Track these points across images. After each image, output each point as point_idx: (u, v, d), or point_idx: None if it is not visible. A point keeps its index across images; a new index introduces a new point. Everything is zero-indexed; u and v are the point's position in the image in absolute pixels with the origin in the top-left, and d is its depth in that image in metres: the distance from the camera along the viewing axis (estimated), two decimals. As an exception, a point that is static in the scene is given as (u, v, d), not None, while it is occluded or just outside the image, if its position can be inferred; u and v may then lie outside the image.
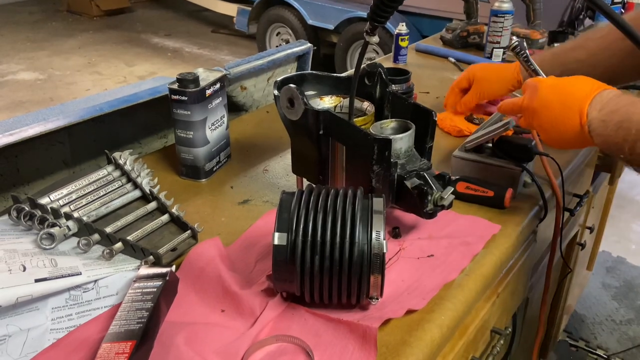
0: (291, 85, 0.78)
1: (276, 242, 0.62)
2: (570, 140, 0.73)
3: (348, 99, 0.82)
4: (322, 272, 0.62)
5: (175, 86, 0.92)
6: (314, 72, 0.94)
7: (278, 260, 0.62)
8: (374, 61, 0.98)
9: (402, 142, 0.79)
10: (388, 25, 3.58)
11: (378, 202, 0.64)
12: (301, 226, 0.62)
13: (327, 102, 0.89)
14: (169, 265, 0.73)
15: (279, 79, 0.87)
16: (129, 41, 5.73)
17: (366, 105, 0.87)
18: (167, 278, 0.67)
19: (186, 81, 0.91)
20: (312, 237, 0.62)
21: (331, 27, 4.21)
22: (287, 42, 4.50)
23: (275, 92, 0.83)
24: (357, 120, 0.82)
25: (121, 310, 0.63)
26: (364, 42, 0.74)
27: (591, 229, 1.60)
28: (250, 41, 5.26)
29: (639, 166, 0.69)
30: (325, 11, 4.23)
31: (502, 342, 0.89)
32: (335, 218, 0.62)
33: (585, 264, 1.97)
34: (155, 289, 0.65)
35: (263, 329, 0.63)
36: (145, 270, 0.69)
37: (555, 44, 1.71)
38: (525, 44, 0.96)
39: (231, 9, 5.15)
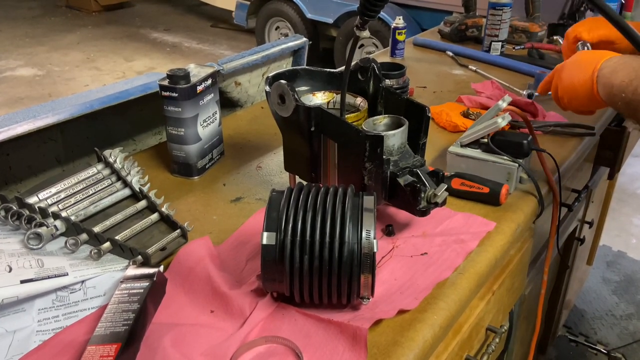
0: (282, 81, 0.77)
1: (265, 241, 0.61)
2: (580, 93, 0.82)
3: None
4: (311, 272, 0.61)
5: (166, 82, 0.90)
6: (307, 67, 0.92)
7: (267, 260, 0.61)
8: (369, 55, 0.96)
9: (395, 139, 0.77)
10: (387, 18, 3.56)
11: (368, 200, 0.63)
12: (290, 225, 0.61)
13: (319, 98, 0.88)
14: (157, 265, 0.72)
15: (270, 74, 0.85)
16: (128, 36, 5.71)
17: (359, 101, 0.86)
18: (155, 279, 0.66)
19: (177, 77, 0.89)
20: (302, 237, 0.61)
21: (330, 21, 4.19)
22: (286, 36, 4.48)
23: (267, 88, 0.82)
24: (350, 117, 0.81)
25: (107, 312, 0.62)
26: (354, 37, 0.72)
27: (590, 224, 1.58)
28: (249, 35, 5.23)
29: (634, 108, 0.73)
30: (324, 5, 4.21)
31: (497, 340, 0.88)
32: (325, 217, 0.61)
33: (585, 258, 1.96)
34: (142, 290, 0.64)
35: (252, 329, 0.62)
36: (133, 271, 0.68)
37: (555, 37, 1.69)
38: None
39: (230, 3, 5.12)
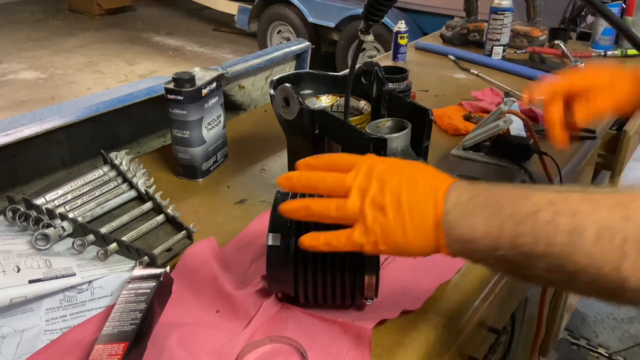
0: (286, 84, 0.78)
1: (270, 242, 0.62)
2: (415, 241, 0.52)
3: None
4: (316, 273, 0.61)
5: (171, 86, 0.91)
6: (310, 71, 0.93)
7: (272, 260, 0.62)
8: (372, 59, 0.97)
9: (398, 141, 0.78)
10: (389, 22, 3.58)
11: None
12: (295, 226, 0.62)
13: (323, 101, 0.89)
14: (163, 265, 0.73)
15: (274, 78, 0.86)
16: (130, 40, 5.74)
17: (362, 104, 0.87)
18: (161, 279, 0.67)
19: (182, 81, 0.90)
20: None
21: (332, 25, 4.21)
22: (288, 40, 4.49)
23: (271, 91, 0.83)
24: (353, 120, 0.82)
25: (115, 312, 0.62)
26: (358, 41, 0.73)
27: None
28: (251, 39, 5.25)
29: (515, 269, 0.50)
30: (326, 9, 4.22)
31: (500, 341, 0.89)
32: None
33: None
34: (149, 290, 0.65)
35: (257, 329, 0.63)
36: (139, 271, 0.69)
37: (556, 41, 1.70)
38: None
39: (232, 7, 5.15)
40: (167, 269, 0.70)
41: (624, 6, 1.72)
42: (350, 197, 0.53)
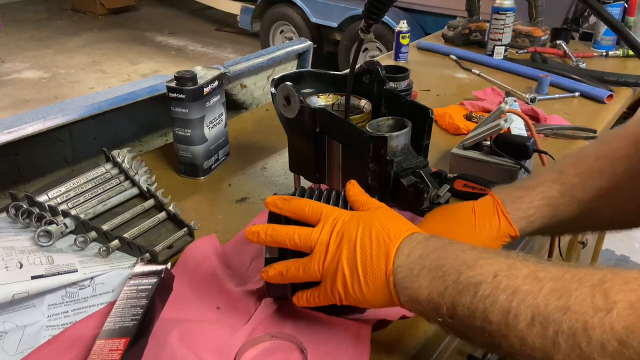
0: (287, 83, 0.78)
1: (268, 255, 0.61)
2: (372, 297, 0.53)
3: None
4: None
5: (173, 84, 0.92)
6: (312, 69, 0.94)
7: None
8: (373, 59, 0.97)
9: (399, 140, 0.79)
10: (391, 22, 3.58)
11: None
12: None
13: (324, 100, 0.89)
14: (165, 262, 0.73)
15: (276, 76, 0.87)
16: (133, 39, 5.75)
17: (363, 103, 0.87)
18: (162, 275, 0.67)
19: (184, 79, 0.91)
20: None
21: (334, 24, 4.21)
22: (291, 39, 4.50)
23: (272, 89, 0.83)
24: (354, 118, 0.82)
25: (116, 307, 0.63)
26: (359, 40, 0.74)
27: (593, 227, 1.59)
28: (254, 39, 5.26)
29: (461, 334, 0.50)
30: (329, 9, 4.23)
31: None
32: None
33: (589, 262, 1.96)
34: (150, 286, 0.65)
35: (257, 326, 0.64)
36: (141, 268, 0.69)
37: (558, 41, 1.70)
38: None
39: (235, 7, 5.16)
40: (168, 265, 0.70)
41: (626, 6, 1.72)
42: (313, 257, 0.56)
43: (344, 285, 0.54)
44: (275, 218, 0.61)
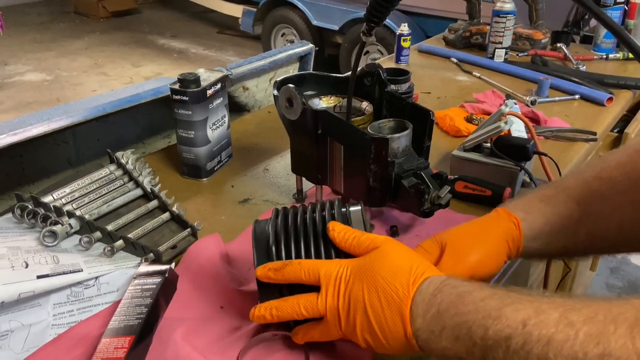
0: (290, 85, 0.79)
1: (259, 273, 0.59)
2: (400, 352, 0.53)
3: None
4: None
5: (177, 86, 0.93)
6: (314, 72, 0.95)
7: (263, 291, 0.60)
8: (374, 61, 0.98)
9: (400, 142, 0.79)
10: (392, 25, 3.59)
11: (356, 212, 0.62)
12: (282, 254, 0.59)
13: (326, 102, 0.90)
14: (168, 262, 0.74)
15: (278, 79, 0.88)
16: (136, 42, 5.77)
17: (365, 105, 0.88)
18: (166, 275, 0.68)
19: (187, 81, 0.92)
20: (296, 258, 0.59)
21: (336, 27, 4.23)
22: (292, 42, 4.51)
23: (275, 92, 0.84)
24: (356, 120, 0.83)
25: (121, 307, 0.64)
26: (360, 43, 0.75)
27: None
28: (255, 42, 5.28)
29: None
30: (330, 12, 4.24)
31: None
32: (308, 240, 0.60)
33: (589, 264, 1.97)
34: (154, 286, 0.66)
35: (260, 325, 0.64)
36: (145, 268, 0.70)
37: (558, 44, 1.71)
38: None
39: (237, 10, 5.17)
40: (172, 265, 0.71)
41: (626, 9, 1.73)
42: (329, 324, 0.55)
43: (369, 345, 0.54)
44: (266, 286, 0.59)
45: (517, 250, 0.67)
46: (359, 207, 0.63)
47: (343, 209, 0.63)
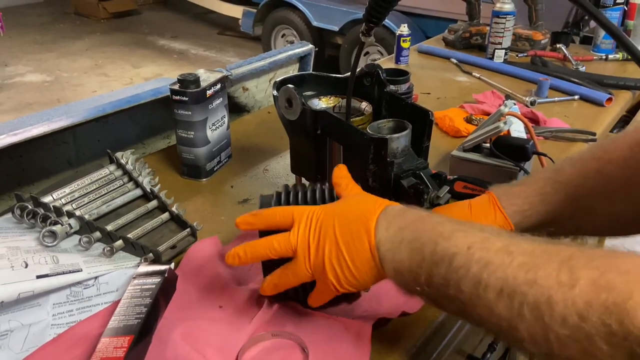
0: (289, 85, 0.79)
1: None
2: (363, 277, 0.55)
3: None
4: None
5: (177, 87, 0.93)
6: (313, 72, 0.95)
7: (266, 262, 0.62)
8: (373, 62, 0.98)
9: (399, 142, 0.79)
10: (392, 26, 3.60)
11: None
12: None
13: (326, 102, 0.90)
14: (168, 262, 0.74)
15: (278, 79, 0.88)
16: (136, 43, 5.77)
17: (364, 105, 0.88)
18: (166, 275, 0.68)
19: (187, 82, 0.92)
20: None
21: (336, 28, 4.23)
22: (292, 43, 4.52)
23: (274, 92, 0.84)
24: (355, 120, 0.83)
25: (120, 306, 0.64)
26: (359, 43, 0.75)
27: (593, 230, 1.60)
28: (255, 43, 5.28)
29: (435, 302, 0.52)
30: (330, 13, 4.25)
31: (500, 339, 0.90)
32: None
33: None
34: (154, 286, 0.66)
35: (260, 325, 0.64)
36: (145, 268, 0.70)
37: (558, 45, 1.71)
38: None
39: (237, 11, 5.18)
40: (172, 265, 0.71)
41: (626, 10, 1.73)
42: (298, 259, 0.58)
43: (336, 275, 0.56)
44: (268, 265, 0.62)
45: None
46: None
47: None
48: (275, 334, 0.63)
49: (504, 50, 1.64)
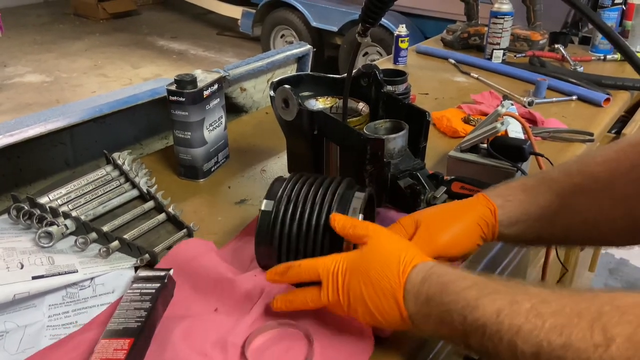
0: (286, 86, 0.79)
1: (263, 207, 0.67)
2: (402, 327, 0.59)
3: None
4: (298, 237, 0.66)
5: (173, 87, 0.93)
6: (310, 73, 0.95)
7: (262, 225, 0.67)
8: (372, 62, 0.98)
9: (396, 142, 0.80)
10: (390, 26, 3.59)
11: (357, 201, 0.67)
12: (286, 197, 0.68)
13: (323, 103, 0.90)
14: (167, 269, 0.73)
15: (275, 79, 0.88)
16: (135, 44, 5.77)
17: (361, 105, 0.88)
18: (165, 281, 0.68)
19: (184, 82, 0.92)
20: (294, 206, 0.67)
21: (335, 29, 4.23)
22: (291, 44, 4.52)
23: (271, 92, 0.84)
24: (352, 121, 0.83)
25: (120, 309, 0.64)
26: (355, 44, 0.75)
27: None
28: (255, 43, 5.28)
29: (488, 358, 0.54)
30: (329, 13, 4.25)
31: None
32: (320, 194, 0.67)
33: (587, 265, 1.97)
34: (153, 291, 0.66)
35: (262, 314, 0.65)
36: (144, 272, 0.70)
37: (556, 45, 1.71)
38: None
39: (236, 12, 5.18)
40: (171, 271, 0.70)
41: (624, 10, 1.73)
42: (335, 310, 0.61)
43: (371, 325, 0.61)
44: None
45: (492, 235, 0.70)
46: (362, 195, 0.68)
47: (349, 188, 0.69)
48: (281, 323, 0.63)
49: (502, 51, 1.64)
